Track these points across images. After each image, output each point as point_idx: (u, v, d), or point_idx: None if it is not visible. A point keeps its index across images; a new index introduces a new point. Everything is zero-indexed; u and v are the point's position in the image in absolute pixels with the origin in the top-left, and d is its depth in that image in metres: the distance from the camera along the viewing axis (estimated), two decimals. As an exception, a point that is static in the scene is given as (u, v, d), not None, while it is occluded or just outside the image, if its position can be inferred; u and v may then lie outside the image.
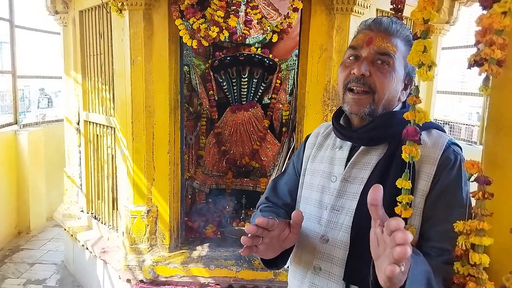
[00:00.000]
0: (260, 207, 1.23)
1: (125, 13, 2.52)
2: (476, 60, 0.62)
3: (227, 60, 3.67)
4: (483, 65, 0.61)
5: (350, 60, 1.01)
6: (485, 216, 0.66)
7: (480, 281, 0.66)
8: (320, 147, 1.14)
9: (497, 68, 0.59)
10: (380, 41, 0.96)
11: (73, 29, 3.29)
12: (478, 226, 0.66)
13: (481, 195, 0.67)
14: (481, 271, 0.66)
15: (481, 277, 0.65)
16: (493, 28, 0.58)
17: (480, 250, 0.66)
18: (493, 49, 0.58)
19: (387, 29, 0.97)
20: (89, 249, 3.10)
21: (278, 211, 1.16)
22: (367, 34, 0.99)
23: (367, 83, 0.96)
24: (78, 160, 3.41)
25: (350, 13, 2.40)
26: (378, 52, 0.96)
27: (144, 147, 2.63)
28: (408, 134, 0.81)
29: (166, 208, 2.71)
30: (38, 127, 4.75)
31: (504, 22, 0.57)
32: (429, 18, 0.74)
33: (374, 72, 0.95)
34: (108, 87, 2.96)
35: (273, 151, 3.70)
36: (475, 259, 0.66)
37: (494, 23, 0.58)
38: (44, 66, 6.83)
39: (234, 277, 2.62)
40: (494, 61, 0.59)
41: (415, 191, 0.90)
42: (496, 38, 0.58)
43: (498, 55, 0.58)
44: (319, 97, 2.52)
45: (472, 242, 0.66)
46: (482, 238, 0.66)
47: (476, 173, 0.69)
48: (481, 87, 0.63)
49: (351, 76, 0.98)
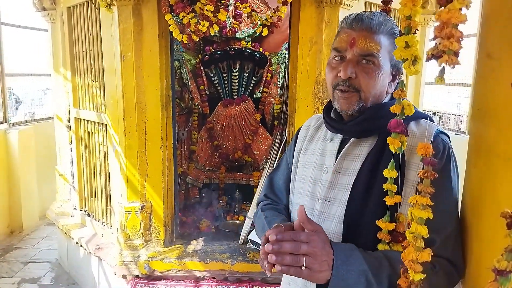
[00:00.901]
0: (260, 205, 1.25)
1: (114, 8, 2.50)
2: (433, 54, 0.66)
3: (218, 55, 3.67)
4: (442, 57, 0.64)
5: (336, 60, 1.02)
6: (427, 193, 0.74)
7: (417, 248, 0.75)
8: (312, 139, 1.16)
9: (455, 58, 0.63)
10: (363, 41, 0.96)
11: (61, 26, 3.26)
12: (422, 202, 0.75)
13: (423, 174, 0.75)
14: (418, 239, 0.75)
15: (417, 245, 0.75)
16: (451, 23, 0.62)
17: (420, 221, 0.75)
18: (451, 41, 0.61)
19: (369, 27, 0.97)
20: (84, 246, 3.09)
21: (278, 207, 1.20)
22: (349, 35, 0.99)
23: (352, 85, 0.98)
24: (70, 157, 3.39)
25: (339, 6, 2.41)
26: (361, 54, 0.97)
27: (136, 143, 2.63)
28: (391, 126, 0.84)
29: (160, 204, 2.72)
30: (28, 125, 4.70)
31: (462, 18, 0.62)
32: (411, 14, 0.76)
33: (360, 73, 0.97)
34: (99, 84, 2.95)
35: (266, 144, 3.71)
36: (413, 229, 0.76)
37: (452, 17, 0.62)
38: (31, 64, 6.73)
39: (229, 270, 2.65)
40: (451, 52, 0.63)
41: (405, 182, 0.92)
42: (455, 31, 0.61)
43: (455, 47, 0.62)
44: (310, 90, 2.54)
45: (414, 213, 0.76)
46: (421, 212, 0.75)
47: (425, 155, 0.75)
48: (437, 77, 0.66)
49: (338, 78, 1.00)
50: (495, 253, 0.67)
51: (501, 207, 0.64)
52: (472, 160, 0.86)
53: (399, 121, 0.83)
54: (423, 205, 0.75)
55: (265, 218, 1.16)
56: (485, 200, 0.79)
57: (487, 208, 0.77)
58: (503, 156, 0.71)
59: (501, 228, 0.65)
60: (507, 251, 0.63)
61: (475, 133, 0.85)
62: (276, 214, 1.16)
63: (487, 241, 0.77)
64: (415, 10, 0.74)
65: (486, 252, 0.77)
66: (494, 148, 0.74)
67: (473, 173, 0.85)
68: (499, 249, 0.65)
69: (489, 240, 0.76)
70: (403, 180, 0.92)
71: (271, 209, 1.19)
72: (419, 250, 0.75)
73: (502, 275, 0.63)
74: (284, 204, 1.21)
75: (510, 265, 0.62)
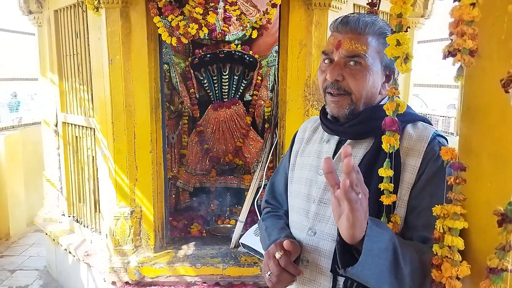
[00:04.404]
0: (263, 214, 1.27)
1: (102, 11, 2.47)
2: (450, 51, 0.65)
3: (207, 58, 3.65)
4: (456, 55, 0.63)
5: (325, 64, 1.02)
6: (458, 200, 0.69)
7: (454, 262, 0.69)
8: (308, 141, 1.16)
9: (469, 58, 0.62)
10: (348, 43, 0.96)
11: (48, 29, 3.21)
12: (453, 211, 0.69)
13: (453, 180, 0.70)
14: (455, 253, 0.69)
15: (454, 258, 0.68)
16: (463, 19, 0.60)
17: (454, 233, 0.69)
18: (465, 39, 0.60)
19: (354, 29, 0.97)
20: (72, 253, 3.04)
21: (279, 213, 1.20)
22: (336, 37, 1.00)
23: (342, 87, 0.98)
24: (58, 163, 3.34)
25: (328, 8, 2.42)
26: (347, 55, 0.97)
27: (125, 147, 2.60)
28: (386, 124, 0.83)
29: (150, 208, 2.68)
30: (14, 130, 4.62)
31: (473, 13, 0.60)
32: (401, 12, 0.76)
33: (347, 76, 0.97)
34: (86, 87, 2.91)
35: (256, 147, 3.70)
36: (448, 242, 0.69)
37: (463, 14, 0.60)
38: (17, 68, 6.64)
39: (221, 275, 2.62)
40: (466, 51, 0.61)
41: (401, 183, 0.92)
42: (466, 29, 0.60)
43: (469, 45, 0.60)
44: (300, 93, 2.54)
45: (447, 225, 0.69)
46: (455, 222, 0.68)
47: (451, 159, 0.71)
48: (455, 76, 0.65)
49: (327, 81, 1.00)
50: (487, 252, 0.67)
51: (493, 207, 0.63)
52: (462, 160, 0.85)
53: (394, 119, 0.83)
54: (456, 213, 0.69)
55: (265, 229, 1.17)
56: (477, 199, 0.78)
57: (479, 207, 0.77)
58: (494, 155, 0.71)
59: (493, 227, 0.64)
60: (498, 249, 0.63)
61: (465, 133, 0.84)
62: (275, 222, 1.16)
63: (479, 241, 0.77)
64: (405, 8, 0.74)
65: (478, 251, 0.77)
66: (485, 147, 0.74)
67: (464, 173, 0.85)
68: (491, 248, 0.65)
69: (481, 239, 0.76)
70: (398, 181, 0.92)
71: (271, 216, 1.20)
72: (456, 265, 0.69)
73: (495, 273, 0.63)
74: (285, 209, 1.21)
75: (502, 263, 0.62)
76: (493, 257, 0.61)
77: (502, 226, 0.60)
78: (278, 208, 1.23)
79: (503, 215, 0.59)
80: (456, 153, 0.71)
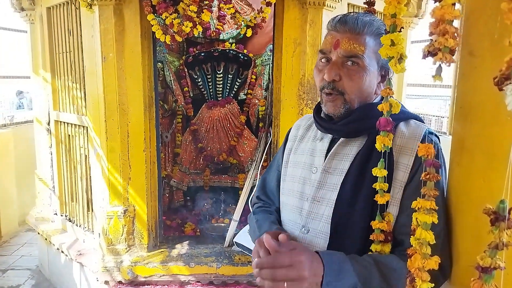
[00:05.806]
0: (253, 208, 1.26)
1: (95, 8, 2.45)
2: (429, 51, 0.65)
3: (202, 56, 3.64)
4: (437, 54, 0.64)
5: (322, 63, 1.02)
6: (430, 196, 0.71)
7: (423, 255, 0.72)
8: (302, 139, 1.16)
9: (450, 57, 0.62)
10: (347, 43, 0.96)
11: (41, 27, 3.18)
12: (426, 205, 0.72)
13: (425, 176, 0.73)
14: (424, 246, 0.71)
15: (423, 251, 0.72)
16: (445, 19, 0.61)
17: (425, 227, 0.71)
18: (446, 38, 0.61)
19: (352, 29, 0.97)
20: (65, 252, 3.02)
21: (270, 209, 1.20)
22: (334, 36, 0.99)
23: (336, 88, 0.98)
24: (50, 161, 3.31)
25: (322, 7, 2.42)
26: (346, 55, 0.97)
27: (119, 146, 2.58)
28: (380, 124, 0.84)
29: (143, 207, 2.67)
30: (6, 128, 4.58)
31: (455, 13, 0.61)
32: (395, 12, 0.76)
33: (344, 76, 0.97)
34: (79, 85, 2.88)
35: (251, 146, 3.70)
36: (418, 235, 0.72)
37: (446, 14, 0.61)
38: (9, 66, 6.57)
39: (214, 274, 2.62)
40: (447, 49, 0.62)
41: (394, 182, 0.93)
42: (449, 28, 0.61)
43: (451, 43, 0.61)
44: (295, 91, 2.54)
45: (419, 218, 0.72)
46: (426, 216, 0.71)
47: (426, 155, 0.73)
48: (433, 76, 0.66)
49: (324, 81, 1.00)
50: (479, 250, 0.67)
51: (485, 203, 0.64)
52: (456, 158, 0.86)
53: (388, 119, 0.83)
54: (427, 209, 0.72)
55: (256, 222, 1.17)
56: (470, 197, 0.79)
57: (472, 205, 0.77)
58: (487, 153, 0.72)
59: (486, 225, 0.64)
60: (490, 247, 0.63)
61: (458, 131, 0.85)
62: (266, 216, 1.16)
63: (472, 239, 0.77)
64: (399, 8, 0.74)
65: (471, 249, 0.77)
66: (478, 145, 0.75)
67: (457, 171, 0.86)
68: (484, 246, 0.65)
69: (473, 238, 0.76)
70: (391, 180, 0.92)
71: (262, 211, 1.20)
72: (425, 258, 0.72)
73: (486, 272, 0.63)
74: (276, 206, 1.21)
75: (494, 262, 0.62)
76: (484, 256, 0.61)
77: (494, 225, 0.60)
78: (269, 204, 1.23)
79: (495, 214, 0.60)
80: (432, 150, 0.72)
